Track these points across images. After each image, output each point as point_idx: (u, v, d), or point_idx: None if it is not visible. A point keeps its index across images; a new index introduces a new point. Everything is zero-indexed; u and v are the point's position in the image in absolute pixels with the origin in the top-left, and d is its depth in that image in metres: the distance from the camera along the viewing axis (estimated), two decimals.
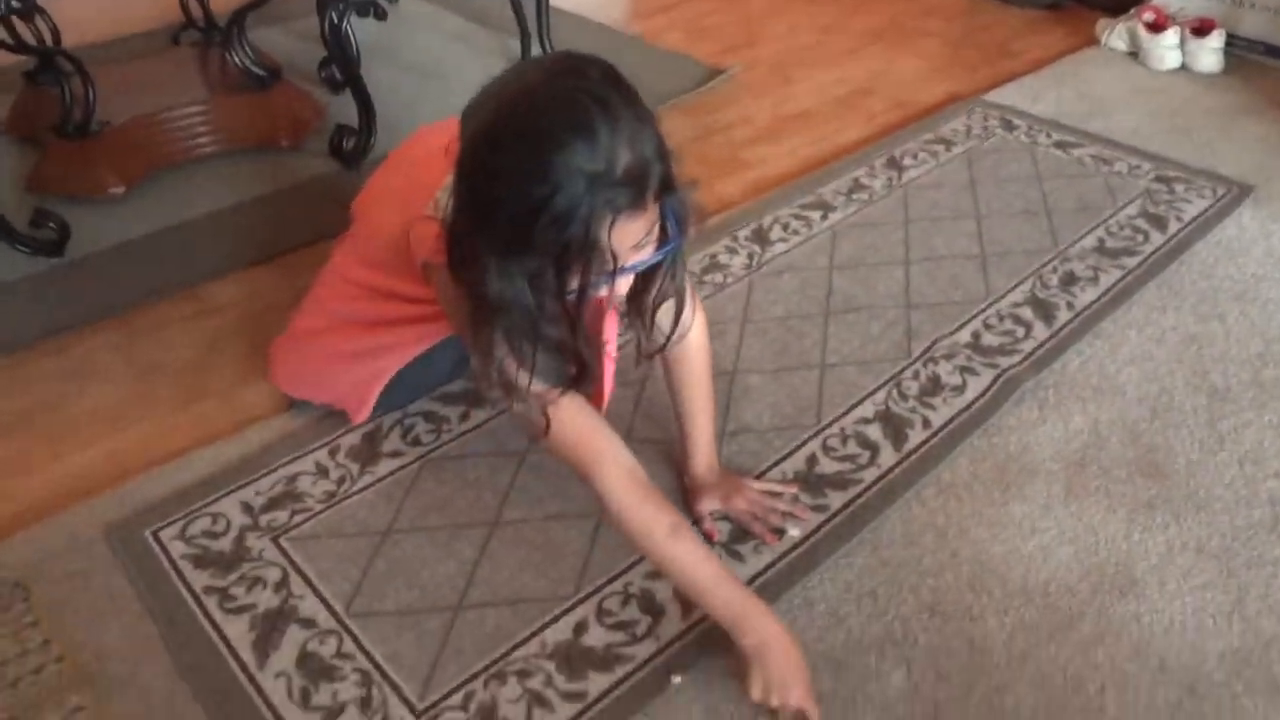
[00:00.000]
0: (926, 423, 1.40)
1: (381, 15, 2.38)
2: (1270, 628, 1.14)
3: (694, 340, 1.22)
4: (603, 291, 0.96)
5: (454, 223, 0.95)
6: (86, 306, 1.68)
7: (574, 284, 0.91)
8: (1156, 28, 2.45)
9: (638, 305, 1.09)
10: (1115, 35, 2.55)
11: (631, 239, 0.92)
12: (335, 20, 1.94)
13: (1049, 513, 1.28)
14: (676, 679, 1.09)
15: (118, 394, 1.51)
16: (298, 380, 1.42)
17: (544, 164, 0.85)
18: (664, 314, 1.11)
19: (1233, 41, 2.48)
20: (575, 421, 1.06)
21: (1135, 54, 2.52)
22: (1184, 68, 2.46)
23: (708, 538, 1.24)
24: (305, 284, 1.44)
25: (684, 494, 1.29)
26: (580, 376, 1.03)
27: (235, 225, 1.91)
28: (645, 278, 1.04)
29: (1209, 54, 2.43)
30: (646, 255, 0.96)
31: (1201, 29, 2.42)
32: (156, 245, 1.85)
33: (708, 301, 1.65)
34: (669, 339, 1.13)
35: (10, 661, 1.12)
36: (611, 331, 1.23)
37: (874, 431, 1.39)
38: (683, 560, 1.03)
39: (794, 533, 1.24)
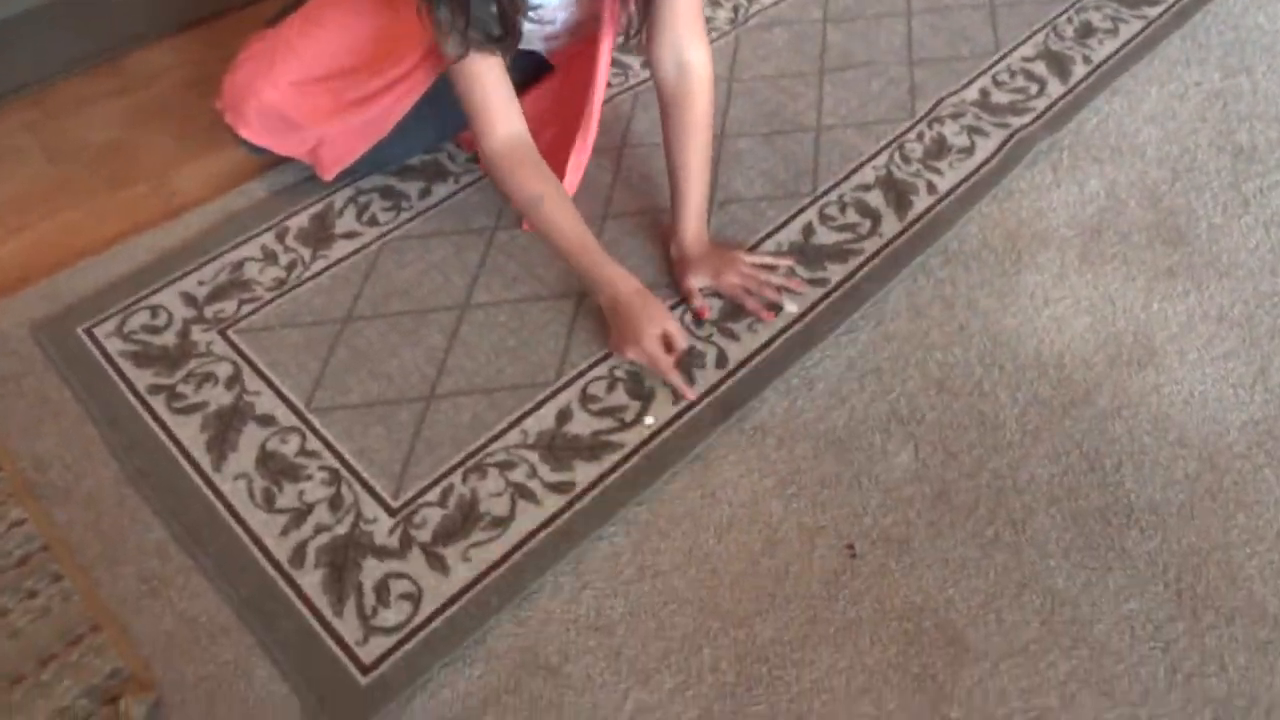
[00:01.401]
0: (932, 188, 1.32)
1: None
2: None
3: (698, 77, 1.15)
4: None
5: None
6: None
7: None
8: None
9: None
10: None
11: None
12: None
13: (1063, 282, 1.21)
14: (649, 420, 1.06)
15: (35, 180, 1.39)
16: (270, 123, 1.24)
17: None
18: (665, 54, 1.14)
19: None
20: (481, 82, 1.08)
21: None
22: None
23: (698, 316, 1.16)
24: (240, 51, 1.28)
25: (671, 268, 1.21)
26: (505, 39, 1.06)
27: None
28: None
29: None
30: None
31: None
32: (67, 11, 1.65)
33: None
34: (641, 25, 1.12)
35: None
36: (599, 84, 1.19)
37: (875, 198, 1.31)
38: (546, 224, 1.12)
39: (791, 308, 1.17)
